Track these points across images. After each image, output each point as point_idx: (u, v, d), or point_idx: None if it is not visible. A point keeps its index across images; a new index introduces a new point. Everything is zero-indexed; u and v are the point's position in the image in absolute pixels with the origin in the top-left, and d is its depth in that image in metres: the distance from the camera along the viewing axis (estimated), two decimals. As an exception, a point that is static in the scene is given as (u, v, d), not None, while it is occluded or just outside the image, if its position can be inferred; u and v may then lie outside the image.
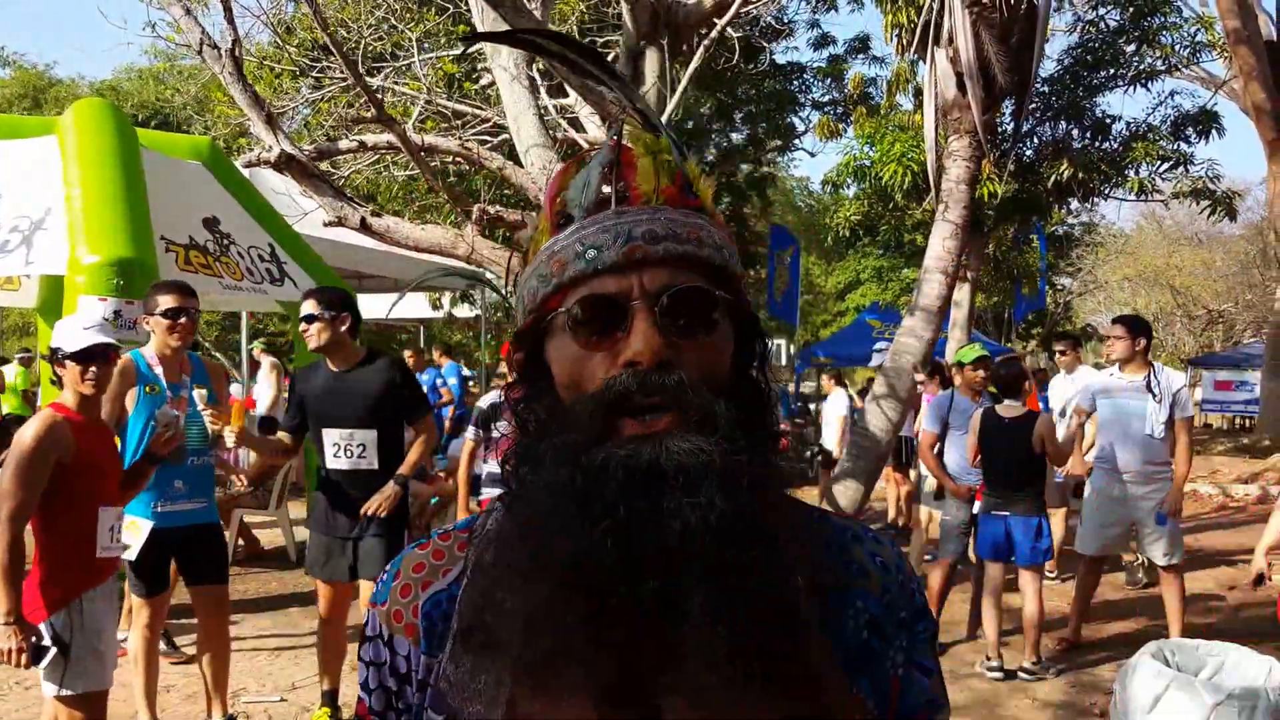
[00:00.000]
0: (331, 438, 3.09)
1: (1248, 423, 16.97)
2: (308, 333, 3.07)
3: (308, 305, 3.10)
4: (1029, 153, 11.24)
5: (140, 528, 3.04)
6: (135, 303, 4.59)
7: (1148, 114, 11.25)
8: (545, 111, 4.71)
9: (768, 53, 10.96)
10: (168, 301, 3.07)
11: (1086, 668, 4.18)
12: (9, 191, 5.03)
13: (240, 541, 6.12)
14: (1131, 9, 10.44)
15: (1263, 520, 7.34)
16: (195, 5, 5.20)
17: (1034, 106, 10.22)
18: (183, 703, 3.61)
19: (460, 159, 5.15)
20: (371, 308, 11.15)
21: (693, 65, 3.91)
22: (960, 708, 3.71)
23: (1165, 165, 10.70)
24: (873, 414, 6.43)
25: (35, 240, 4.80)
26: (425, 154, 4.22)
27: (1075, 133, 11.12)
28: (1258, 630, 4.58)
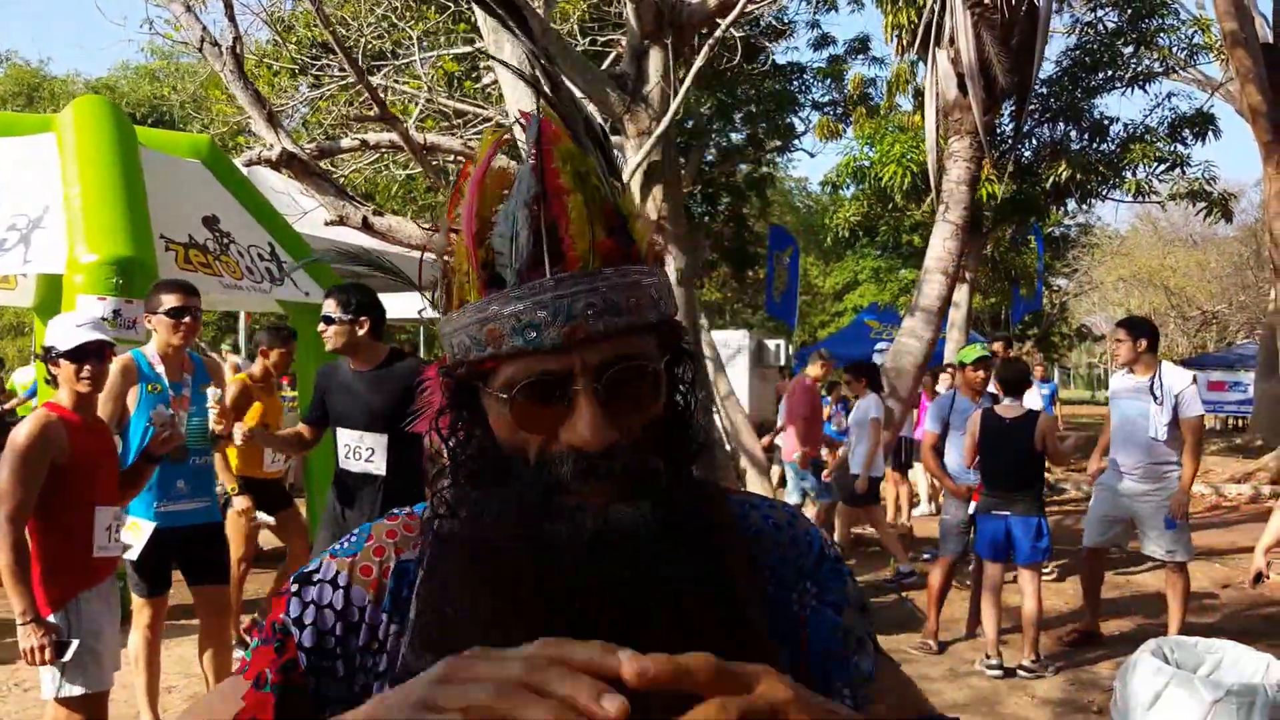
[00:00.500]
0: (343, 438, 3.05)
1: (1241, 423, 17.06)
2: (326, 334, 3.01)
3: (328, 306, 3.03)
4: (1027, 154, 11.29)
5: (142, 528, 3.03)
6: (135, 301, 4.58)
7: (1145, 116, 11.31)
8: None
9: (768, 53, 10.98)
10: (171, 301, 3.06)
11: (1085, 665, 4.20)
12: (7, 189, 5.01)
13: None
14: (1129, 11, 10.49)
15: (1255, 519, 7.40)
16: (195, 2, 5.19)
17: (1032, 108, 10.25)
18: (185, 703, 3.60)
19: (462, 158, 5.15)
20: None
21: (697, 64, 3.92)
22: (960, 705, 3.73)
23: (1162, 167, 10.75)
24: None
25: (33, 239, 4.79)
26: (427, 153, 4.22)
27: (1073, 134, 11.17)
28: (1252, 628, 4.61)
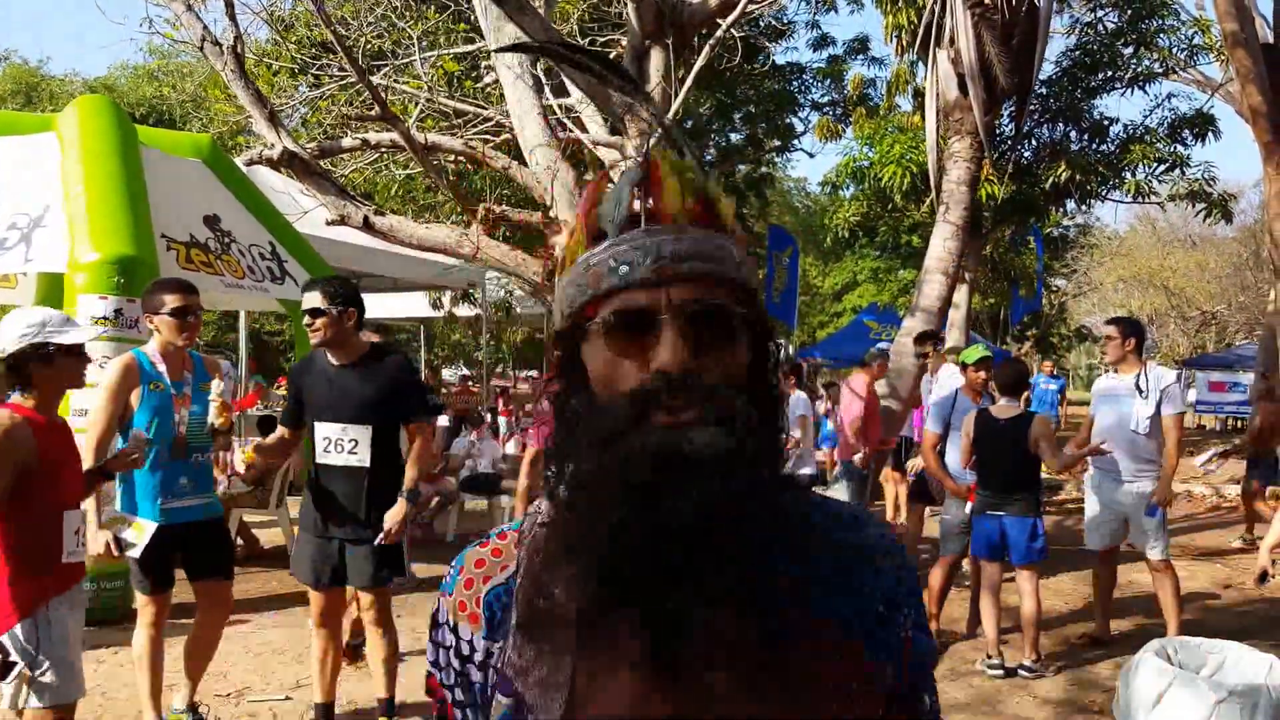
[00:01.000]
0: (324, 432, 3.02)
1: (1240, 424, 17.07)
2: (313, 327, 2.97)
3: (314, 298, 2.98)
4: (1027, 155, 11.29)
5: (145, 528, 3.02)
6: (136, 301, 4.57)
7: (1145, 116, 11.32)
8: (550, 111, 4.71)
9: (768, 53, 10.98)
10: (174, 301, 3.06)
11: (1085, 665, 4.20)
12: (8, 188, 5.00)
13: (240, 541, 6.11)
14: (1129, 12, 10.49)
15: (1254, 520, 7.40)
16: (195, 1, 5.18)
17: (1032, 108, 10.26)
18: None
19: (463, 158, 5.15)
20: (370, 306, 11.13)
21: (698, 64, 3.92)
22: (961, 705, 3.73)
23: (1162, 168, 10.75)
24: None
25: (34, 237, 4.78)
26: (428, 152, 4.21)
27: (1073, 135, 11.17)
28: (1254, 628, 4.62)
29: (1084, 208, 14.04)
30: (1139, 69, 10.69)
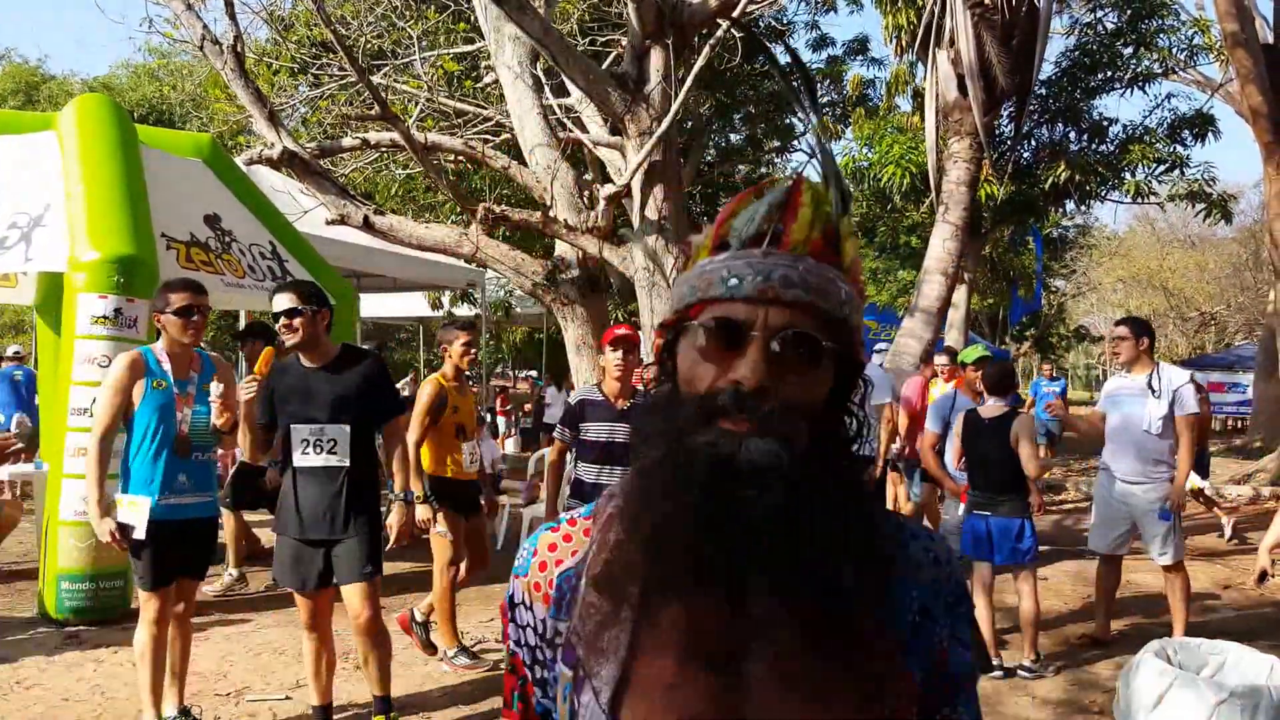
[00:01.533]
0: (301, 433, 3.02)
1: (1240, 424, 17.08)
2: (290, 328, 2.99)
3: (288, 299, 2.99)
4: (1026, 155, 11.30)
5: (139, 504, 3.04)
6: (136, 300, 4.57)
7: (1144, 117, 11.34)
8: (550, 111, 4.71)
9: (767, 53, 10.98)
10: (179, 300, 3.09)
11: (1085, 665, 4.20)
12: (8, 187, 5.00)
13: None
14: (1129, 12, 10.50)
15: (1254, 520, 7.41)
16: (195, 1, 5.18)
17: (1032, 109, 10.26)
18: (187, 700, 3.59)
19: (463, 157, 5.15)
20: (370, 306, 11.13)
21: (698, 65, 3.92)
22: (961, 706, 3.73)
23: (1161, 168, 10.76)
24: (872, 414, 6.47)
25: (34, 237, 4.78)
26: (428, 152, 4.21)
27: (1072, 135, 11.18)
28: (1254, 629, 4.62)
29: (1083, 208, 14.05)
30: (1139, 69, 10.70)
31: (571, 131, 4.97)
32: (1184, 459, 4.15)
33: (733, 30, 4.52)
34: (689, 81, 3.89)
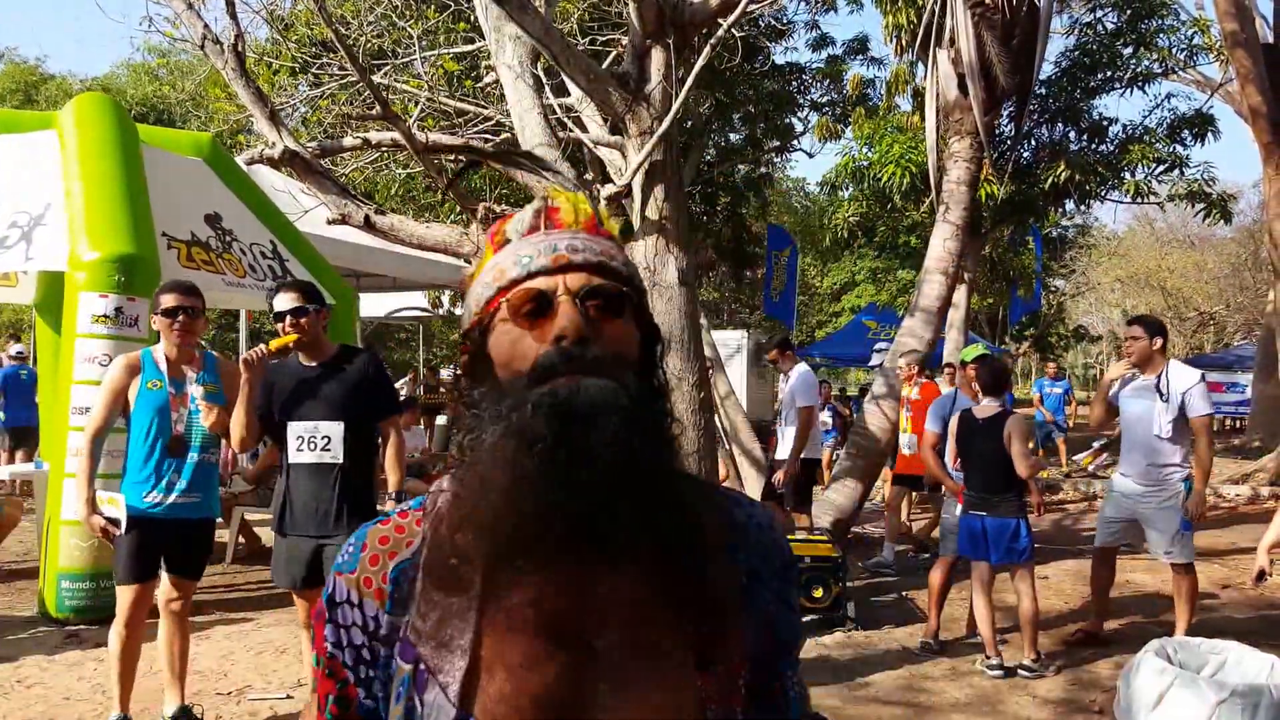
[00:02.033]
0: (295, 431, 3.03)
1: (1239, 424, 17.09)
2: (296, 327, 3.00)
3: (293, 299, 3.01)
4: (1026, 155, 11.30)
5: (117, 500, 3.06)
6: (136, 299, 4.58)
7: (1144, 117, 11.35)
8: (550, 110, 4.71)
9: (767, 53, 10.98)
10: (167, 301, 3.11)
11: (1086, 664, 4.21)
12: (8, 186, 5.00)
13: (241, 539, 6.11)
14: (1129, 12, 10.50)
15: (1254, 519, 7.41)
16: (196, 0, 5.17)
17: (1032, 109, 10.27)
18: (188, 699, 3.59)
19: (463, 157, 5.14)
20: (370, 306, 11.13)
21: (698, 65, 3.91)
22: (961, 705, 3.74)
23: (1161, 168, 10.76)
24: (871, 414, 6.48)
25: (35, 236, 4.78)
26: (429, 152, 4.21)
27: (1072, 135, 11.18)
28: (1253, 628, 4.62)
29: (1083, 208, 14.06)
30: (1138, 69, 10.70)
31: (572, 131, 4.97)
32: (1198, 461, 4.04)
33: (732, 30, 4.51)
34: (689, 81, 3.89)
